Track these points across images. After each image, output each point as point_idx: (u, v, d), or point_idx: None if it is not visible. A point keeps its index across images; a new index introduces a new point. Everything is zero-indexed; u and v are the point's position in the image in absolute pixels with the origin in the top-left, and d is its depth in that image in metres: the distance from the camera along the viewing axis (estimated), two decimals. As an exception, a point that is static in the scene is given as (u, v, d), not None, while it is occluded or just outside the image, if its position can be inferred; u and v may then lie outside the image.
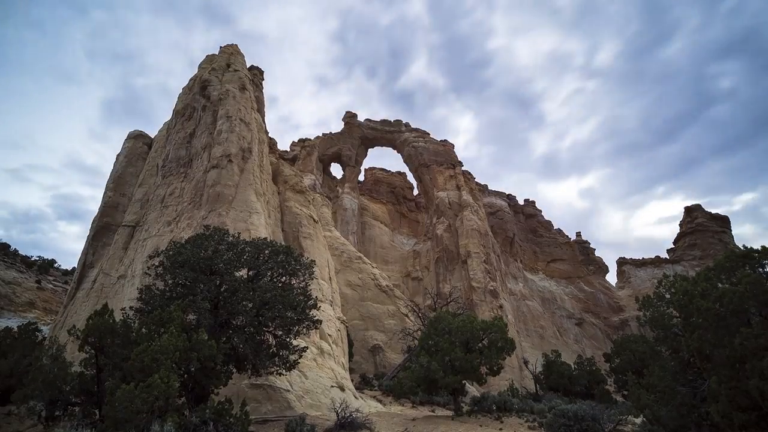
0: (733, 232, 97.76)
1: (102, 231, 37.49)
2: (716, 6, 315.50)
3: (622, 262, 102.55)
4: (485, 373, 24.28)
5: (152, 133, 45.50)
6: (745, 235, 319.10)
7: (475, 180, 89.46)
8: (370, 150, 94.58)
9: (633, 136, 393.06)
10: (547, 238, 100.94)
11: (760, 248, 10.50)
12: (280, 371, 17.33)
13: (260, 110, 44.90)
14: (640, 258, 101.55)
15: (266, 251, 18.09)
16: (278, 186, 39.57)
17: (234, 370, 16.53)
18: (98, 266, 34.47)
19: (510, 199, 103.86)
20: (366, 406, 24.97)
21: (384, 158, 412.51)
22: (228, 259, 17.19)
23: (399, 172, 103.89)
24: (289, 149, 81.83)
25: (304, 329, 17.84)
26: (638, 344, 34.64)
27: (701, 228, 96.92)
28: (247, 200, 30.18)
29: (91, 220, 39.65)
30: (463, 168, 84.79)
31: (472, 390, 34.61)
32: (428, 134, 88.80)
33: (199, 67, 42.52)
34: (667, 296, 12.02)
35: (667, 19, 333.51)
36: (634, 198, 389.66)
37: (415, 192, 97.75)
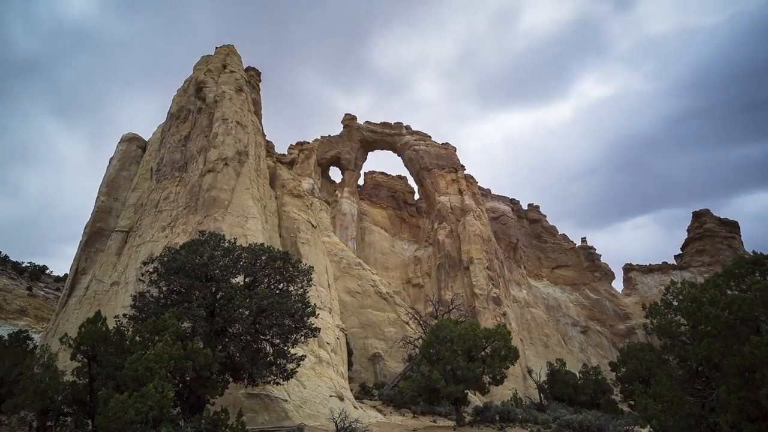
0: (742, 238, 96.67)
1: (95, 236, 36.72)
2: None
3: (628, 269, 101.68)
4: (488, 382, 23.97)
5: (146, 135, 44.13)
6: None
7: (478, 184, 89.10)
8: (370, 153, 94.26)
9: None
10: (552, 244, 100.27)
11: (769, 254, 10.25)
12: (277, 380, 17.11)
13: (257, 112, 44.69)
14: (647, 264, 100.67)
15: (263, 257, 17.90)
16: (276, 190, 39.24)
17: (230, 379, 16.31)
18: (91, 273, 33.92)
19: (513, 203, 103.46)
20: (366, 416, 24.59)
21: (384, 162, 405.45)
22: (224, 266, 17.01)
23: (399, 176, 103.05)
24: (286, 152, 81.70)
25: (302, 337, 17.62)
26: (645, 353, 34.09)
27: (710, 233, 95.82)
28: (243, 205, 29.90)
29: (84, 225, 38.53)
30: (465, 172, 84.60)
31: (475, 400, 34.10)
32: (429, 137, 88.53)
33: (194, 68, 41.89)
34: (675, 303, 11.85)
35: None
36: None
37: (416, 196, 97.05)
